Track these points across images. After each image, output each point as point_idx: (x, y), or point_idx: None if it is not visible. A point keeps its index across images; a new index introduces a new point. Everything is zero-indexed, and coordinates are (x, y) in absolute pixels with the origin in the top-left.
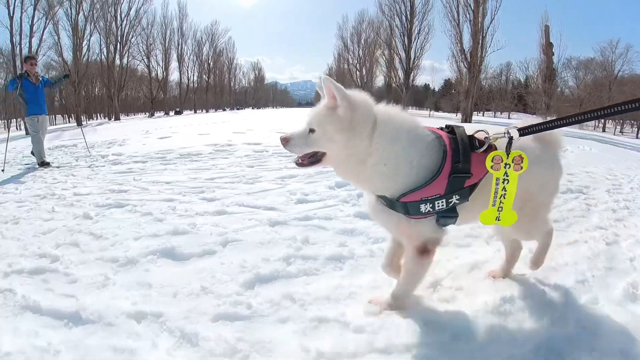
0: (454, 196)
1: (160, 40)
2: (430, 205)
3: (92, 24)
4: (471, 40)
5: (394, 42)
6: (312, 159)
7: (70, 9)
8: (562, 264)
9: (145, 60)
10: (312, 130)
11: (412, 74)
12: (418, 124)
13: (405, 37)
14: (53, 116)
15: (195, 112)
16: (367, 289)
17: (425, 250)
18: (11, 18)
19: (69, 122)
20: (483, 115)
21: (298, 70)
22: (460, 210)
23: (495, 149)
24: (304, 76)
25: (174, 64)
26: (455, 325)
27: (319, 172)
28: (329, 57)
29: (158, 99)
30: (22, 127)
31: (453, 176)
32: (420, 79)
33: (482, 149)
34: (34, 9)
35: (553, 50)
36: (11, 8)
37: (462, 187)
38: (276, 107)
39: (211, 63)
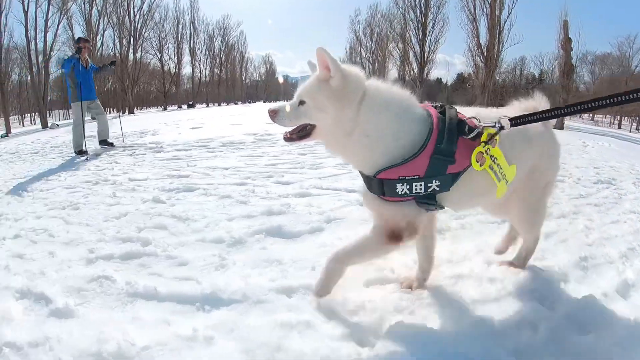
0: (433, 181)
1: (173, 34)
2: (408, 186)
3: (106, 18)
4: (488, 35)
5: (407, 36)
6: (302, 132)
7: (84, 4)
8: (612, 236)
9: (158, 54)
10: (302, 103)
11: (427, 67)
12: (409, 98)
13: (420, 31)
14: (67, 110)
15: (207, 105)
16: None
17: (396, 237)
18: (26, 13)
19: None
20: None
21: (309, 63)
22: (444, 201)
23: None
24: (315, 69)
25: (186, 58)
26: None
27: None
28: (340, 51)
29: (170, 92)
30: (37, 121)
31: (434, 156)
32: (433, 73)
33: (471, 135)
34: (49, 4)
35: (572, 46)
36: (25, 3)
37: (444, 173)
38: (288, 100)
39: (223, 57)
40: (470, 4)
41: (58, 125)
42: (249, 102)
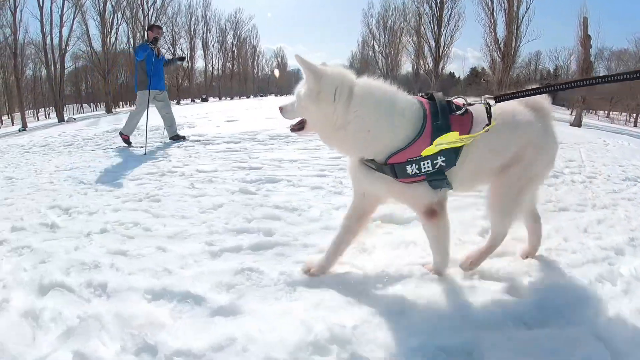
0: (438, 157)
1: (185, 28)
2: (417, 166)
3: (120, 13)
4: (505, 30)
5: (422, 30)
6: (299, 125)
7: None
8: None
9: (171, 49)
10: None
11: (442, 62)
12: (397, 91)
13: (435, 25)
14: (80, 105)
15: (220, 99)
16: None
17: (432, 212)
18: (41, 8)
19: (96, 110)
20: None
21: (319, 57)
22: (454, 178)
23: (472, 114)
24: (326, 61)
25: (198, 52)
26: None
27: None
28: (351, 44)
29: (183, 86)
30: (51, 115)
31: (435, 134)
32: (447, 68)
33: (459, 112)
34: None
35: (591, 43)
36: None
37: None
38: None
39: (235, 51)
40: None
41: (75, 119)
42: (261, 96)
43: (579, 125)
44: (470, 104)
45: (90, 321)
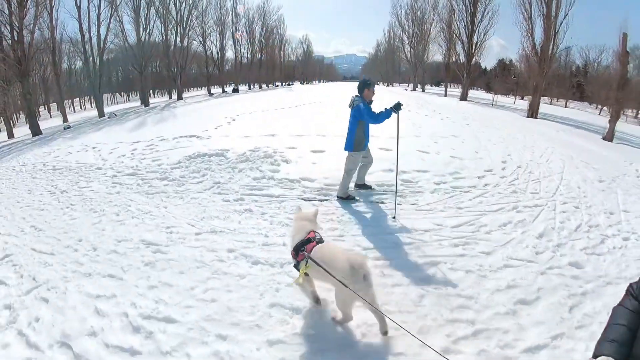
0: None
1: (215, 21)
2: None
3: (153, 9)
4: (543, 35)
5: (455, 24)
6: None
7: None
8: None
9: (202, 40)
10: None
11: (474, 58)
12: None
13: (469, 22)
14: (112, 94)
15: (250, 88)
16: None
17: None
18: (78, 8)
19: (129, 99)
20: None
21: (342, 43)
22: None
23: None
24: (348, 49)
25: (228, 42)
26: None
27: None
28: (373, 31)
29: (214, 76)
30: (87, 105)
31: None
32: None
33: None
34: None
35: (629, 60)
36: None
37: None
38: (323, 82)
39: (263, 40)
40: (526, 2)
41: (115, 115)
42: (289, 84)
43: (611, 140)
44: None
45: None
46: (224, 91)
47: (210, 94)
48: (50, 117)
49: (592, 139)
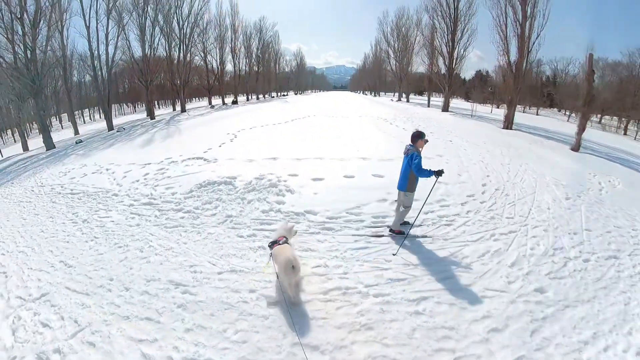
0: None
1: (216, 37)
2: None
3: (158, 28)
4: (517, 54)
5: (436, 41)
6: None
7: (139, 17)
8: None
9: (202, 55)
10: None
11: (454, 72)
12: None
13: (450, 40)
14: (119, 104)
15: (248, 99)
16: None
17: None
18: (88, 28)
19: (135, 110)
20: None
21: (332, 55)
22: None
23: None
24: (337, 61)
25: (227, 56)
26: None
27: None
28: (361, 44)
29: (215, 87)
30: (95, 117)
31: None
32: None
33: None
34: (108, 19)
35: (595, 78)
36: (87, 18)
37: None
38: (315, 91)
39: (260, 55)
40: (502, 23)
41: (124, 128)
42: (284, 95)
43: (578, 150)
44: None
45: None
46: (224, 102)
47: (212, 106)
48: (62, 128)
49: (561, 150)
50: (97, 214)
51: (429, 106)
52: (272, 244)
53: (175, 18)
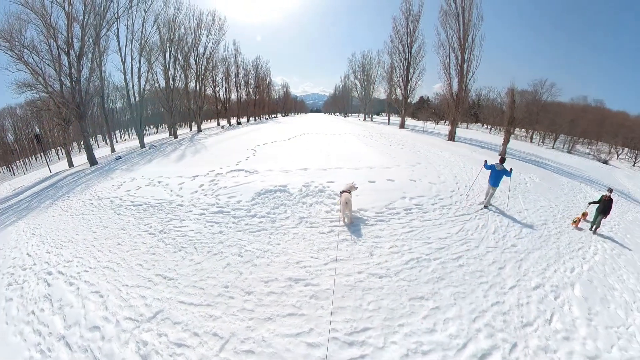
0: None
1: (223, 72)
2: None
3: (178, 64)
4: (457, 86)
5: (395, 76)
6: None
7: (163, 56)
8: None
9: (213, 87)
10: None
11: (408, 100)
12: None
13: (405, 75)
14: (146, 127)
15: (247, 120)
16: None
17: None
18: (123, 63)
19: (158, 130)
20: (445, 124)
21: (308, 85)
22: None
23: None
24: (312, 90)
25: (232, 87)
26: None
27: None
28: (332, 75)
29: (222, 112)
30: (127, 137)
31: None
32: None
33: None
34: (140, 56)
35: (515, 106)
36: (122, 54)
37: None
38: (297, 114)
39: (255, 86)
40: (447, 65)
41: (155, 146)
42: (274, 117)
43: (504, 155)
44: None
45: None
46: (229, 123)
47: (222, 126)
48: (98, 147)
49: (493, 155)
50: (171, 223)
51: (388, 124)
52: (341, 192)
53: (192, 56)
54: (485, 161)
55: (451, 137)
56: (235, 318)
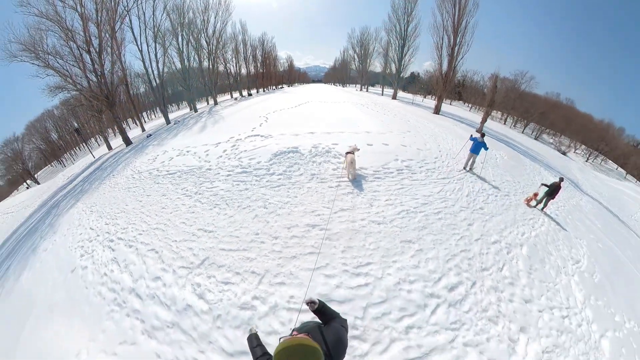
0: None
1: (232, 49)
2: None
3: (190, 45)
4: (447, 67)
5: (390, 52)
6: None
7: (176, 40)
8: None
9: (224, 64)
10: None
11: (401, 74)
12: None
13: (400, 52)
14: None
15: (257, 92)
16: None
17: None
18: (141, 51)
19: (179, 108)
20: (432, 98)
21: (309, 58)
22: None
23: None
24: (314, 62)
25: (242, 63)
26: None
27: None
28: (334, 50)
29: (234, 85)
30: (152, 116)
31: None
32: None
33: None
34: (155, 43)
35: (496, 91)
36: (139, 43)
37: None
38: (301, 84)
39: (262, 60)
40: (439, 48)
41: (178, 121)
42: (280, 87)
43: (481, 131)
44: None
45: None
46: (241, 95)
47: (235, 98)
48: (130, 129)
49: (471, 130)
50: (204, 185)
51: (382, 95)
52: (346, 153)
53: (203, 37)
54: (471, 135)
55: (437, 110)
56: (267, 258)
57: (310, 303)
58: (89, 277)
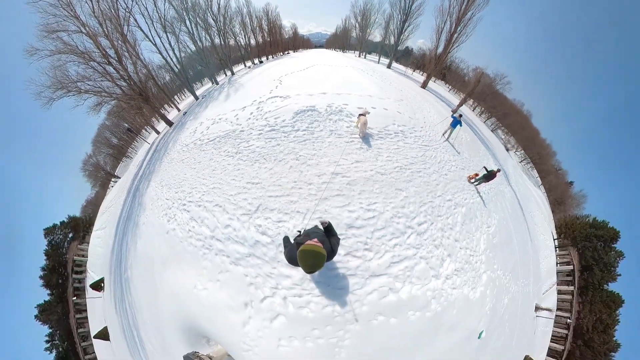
0: None
1: (239, 23)
2: None
3: (199, 26)
4: (442, 50)
5: (391, 25)
6: None
7: (185, 24)
8: None
9: (234, 37)
10: None
11: (398, 47)
12: None
13: (400, 26)
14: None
15: (267, 58)
16: None
17: None
18: (155, 45)
19: (202, 84)
20: (421, 74)
21: (312, 25)
22: None
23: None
24: (316, 29)
25: (250, 35)
26: None
27: None
28: (335, 18)
29: (245, 55)
30: (181, 97)
31: None
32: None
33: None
34: (165, 33)
35: (477, 84)
36: (151, 38)
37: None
38: (306, 49)
39: (268, 30)
40: (440, 29)
41: (205, 96)
42: (287, 53)
43: (456, 112)
44: None
45: None
46: (253, 63)
47: (248, 67)
48: (168, 112)
49: (448, 109)
50: (241, 145)
51: (378, 62)
52: (359, 115)
53: (209, 16)
54: (452, 114)
55: (424, 85)
56: (306, 200)
57: (324, 223)
58: (179, 234)
